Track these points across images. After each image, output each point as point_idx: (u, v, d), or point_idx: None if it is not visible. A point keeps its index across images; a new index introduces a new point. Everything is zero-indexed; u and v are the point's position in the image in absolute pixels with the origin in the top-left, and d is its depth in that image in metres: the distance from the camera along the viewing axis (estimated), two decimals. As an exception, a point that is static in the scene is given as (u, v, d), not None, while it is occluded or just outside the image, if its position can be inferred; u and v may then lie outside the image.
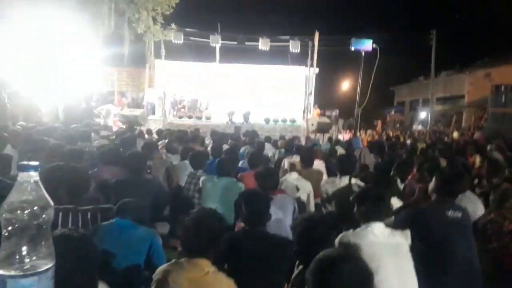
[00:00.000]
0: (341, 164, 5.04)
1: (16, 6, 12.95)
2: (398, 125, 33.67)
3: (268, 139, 10.07)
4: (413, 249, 2.72)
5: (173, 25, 21.04)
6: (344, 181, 4.76)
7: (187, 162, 5.64)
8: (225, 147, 7.63)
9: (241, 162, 6.81)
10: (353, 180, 4.70)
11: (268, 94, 21.90)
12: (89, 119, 12.08)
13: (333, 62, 26.51)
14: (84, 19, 15.49)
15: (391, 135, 22.83)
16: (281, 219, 3.93)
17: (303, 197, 4.99)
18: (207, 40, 21.82)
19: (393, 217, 3.14)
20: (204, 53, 22.56)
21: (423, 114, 32.57)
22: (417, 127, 31.48)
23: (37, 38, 13.85)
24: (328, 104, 26.02)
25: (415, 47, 25.14)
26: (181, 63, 22.00)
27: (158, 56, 21.39)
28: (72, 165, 2.99)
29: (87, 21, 16.00)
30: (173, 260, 2.48)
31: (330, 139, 13.02)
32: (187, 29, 21.94)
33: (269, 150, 8.71)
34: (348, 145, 9.96)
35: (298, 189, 5.00)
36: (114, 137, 8.52)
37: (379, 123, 26.59)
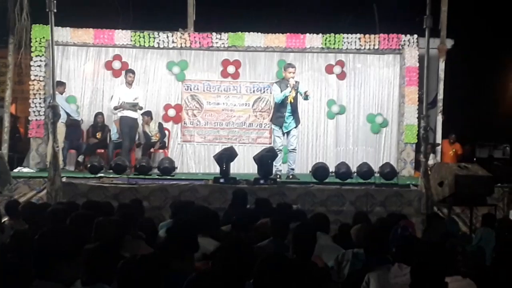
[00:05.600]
0: None
1: None
2: None
3: (322, 220, 5.84)
4: None
5: None
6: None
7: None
8: (205, 244, 4.70)
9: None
10: None
11: (320, 105, 12.24)
12: None
13: (488, 25, 15.50)
14: None
15: None
16: None
17: None
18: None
19: None
20: (159, 9, 13.31)
21: None
22: None
23: None
24: (481, 133, 15.49)
25: None
26: (98, 34, 12.11)
27: (40, 19, 11.16)
28: None
29: None
30: None
31: (489, 218, 7.49)
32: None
33: (326, 252, 5.10)
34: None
35: None
36: None
37: None
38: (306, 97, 9.62)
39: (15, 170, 10.05)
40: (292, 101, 9.50)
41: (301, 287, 3.30)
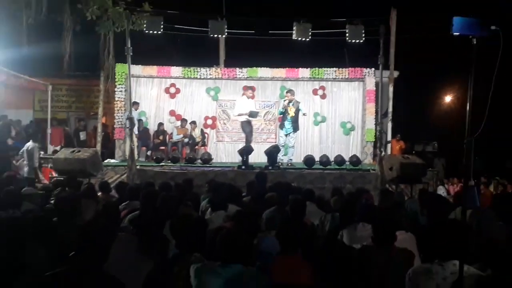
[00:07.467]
0: (447, 240, 3.03)
1: None
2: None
3: (310, 194, 6.25)
4: None
5: (146, 5, 12.64)
6: (450, 269, 2.96)
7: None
8: (232, 209, 5.07)
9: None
10: (467, 268, 2.90)
11: (309, 116, 13.41)
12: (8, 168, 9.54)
13: (423, 61, 16.94)
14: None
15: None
16: None
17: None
18: (205, 29, 12.96)
19: None
20: (200, 52, 14.63)
21: None
22: None
23: None
24: (418, 134, 16.66)
25: None
26: (160, 70, 13.56)
27: (121, 59, 12.47)
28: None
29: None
30: None
31: (423, 192, 7.63)
32: (169, 11, 13.40)
33: (313, 215, 5.48)
34: (457, 203, 5.85)
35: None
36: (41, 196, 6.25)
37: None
38: (304, 114, 11.04)
39: (105, 161, 11.19)
40: (294, 115, 10.75)
41: (298, 240, 3.63)
